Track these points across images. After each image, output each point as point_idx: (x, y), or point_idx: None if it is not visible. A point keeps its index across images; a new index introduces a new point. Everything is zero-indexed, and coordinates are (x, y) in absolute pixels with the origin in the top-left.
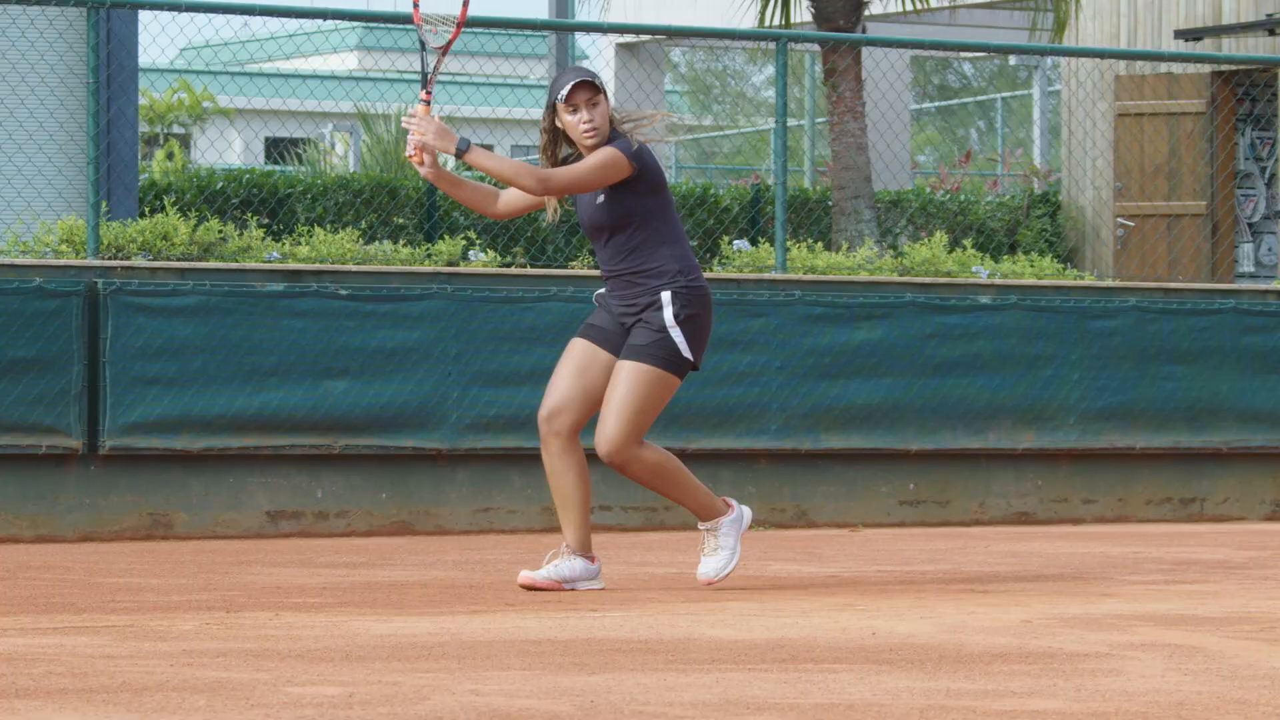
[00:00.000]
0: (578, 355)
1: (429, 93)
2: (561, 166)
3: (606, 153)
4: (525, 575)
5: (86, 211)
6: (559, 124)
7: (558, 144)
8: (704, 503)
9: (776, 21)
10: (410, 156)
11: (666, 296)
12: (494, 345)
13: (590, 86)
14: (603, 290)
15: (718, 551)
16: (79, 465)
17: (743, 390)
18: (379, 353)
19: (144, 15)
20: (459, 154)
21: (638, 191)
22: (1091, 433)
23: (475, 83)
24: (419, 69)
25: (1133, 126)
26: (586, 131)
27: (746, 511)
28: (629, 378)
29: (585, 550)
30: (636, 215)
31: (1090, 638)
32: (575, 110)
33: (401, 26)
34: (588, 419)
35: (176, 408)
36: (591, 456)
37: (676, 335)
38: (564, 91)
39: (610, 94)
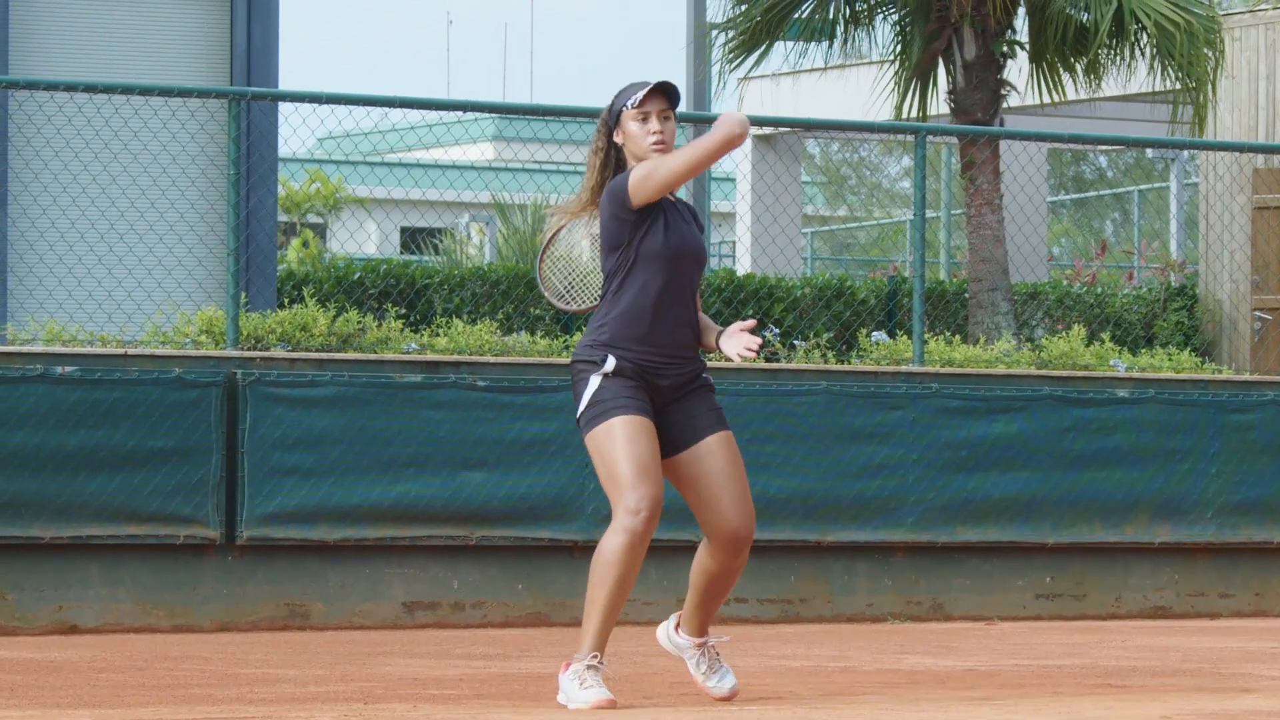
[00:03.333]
0: (647, 435)
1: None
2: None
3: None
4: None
5: (226, 302)
6: (617, 138)
7: (608, 167)
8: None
9: (913, 113)
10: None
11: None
12: None
13: (668, 98)
14: (612, 365)
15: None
16: (216, 555)
17: (879, 482)
18: (516, 444)
19: (284, 106)
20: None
21: None
22: (1229, 527)
23: None
24: (557, 160)
25: (1271, 219)
26: (654, 145)
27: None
28: (733, 449)
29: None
30: None
31: None
32: (645, 119)
33: (540, 118)
34: None
35: (314, 498)
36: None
37: None
38: (639, 95)
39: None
